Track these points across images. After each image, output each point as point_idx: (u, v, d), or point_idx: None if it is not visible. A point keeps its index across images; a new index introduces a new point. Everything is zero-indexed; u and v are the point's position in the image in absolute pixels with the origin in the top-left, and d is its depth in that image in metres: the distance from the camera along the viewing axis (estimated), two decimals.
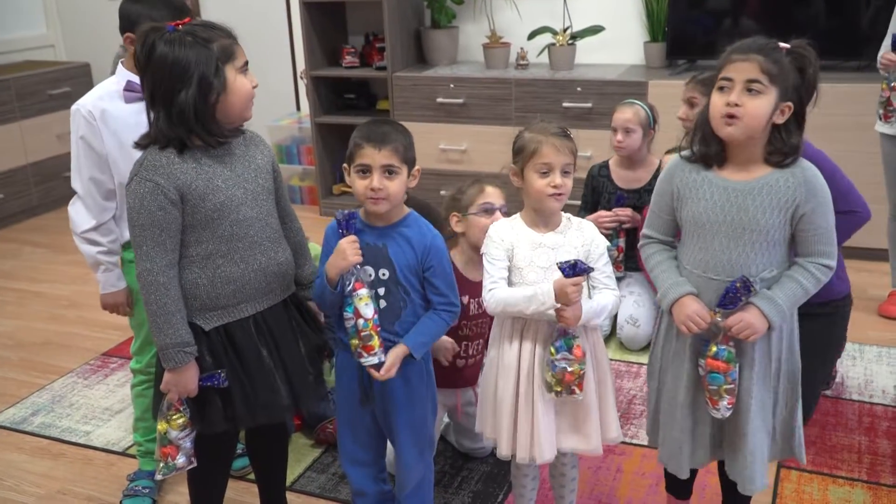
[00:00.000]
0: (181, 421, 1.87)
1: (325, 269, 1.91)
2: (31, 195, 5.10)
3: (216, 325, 1.87)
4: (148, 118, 1.82)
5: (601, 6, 4.48)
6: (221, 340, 1.88)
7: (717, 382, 1.83)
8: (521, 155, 1.93)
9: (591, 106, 4.14)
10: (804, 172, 1.79)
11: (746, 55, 1.74)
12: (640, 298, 3.22)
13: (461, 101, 4.41)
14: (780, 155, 1.78)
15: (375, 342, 1.88)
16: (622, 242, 3.24)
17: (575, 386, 1.90)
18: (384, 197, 1.87)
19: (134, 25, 2.15)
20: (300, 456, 2.65)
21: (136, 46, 1.79)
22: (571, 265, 1.81)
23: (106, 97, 2.21)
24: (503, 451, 2.00)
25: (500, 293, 1.92)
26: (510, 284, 1.95)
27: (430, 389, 2.05)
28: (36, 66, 5.34)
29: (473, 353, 2.43)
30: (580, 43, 4.45)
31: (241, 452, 2.51)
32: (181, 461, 1.91)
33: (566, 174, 1.90)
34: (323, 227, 2.03)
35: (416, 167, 1.94)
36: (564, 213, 2.00)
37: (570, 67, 4.44)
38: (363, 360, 1.89)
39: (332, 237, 1.96)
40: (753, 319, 1.79)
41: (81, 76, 5.32)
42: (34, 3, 5.73)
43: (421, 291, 1.96)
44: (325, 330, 2.06)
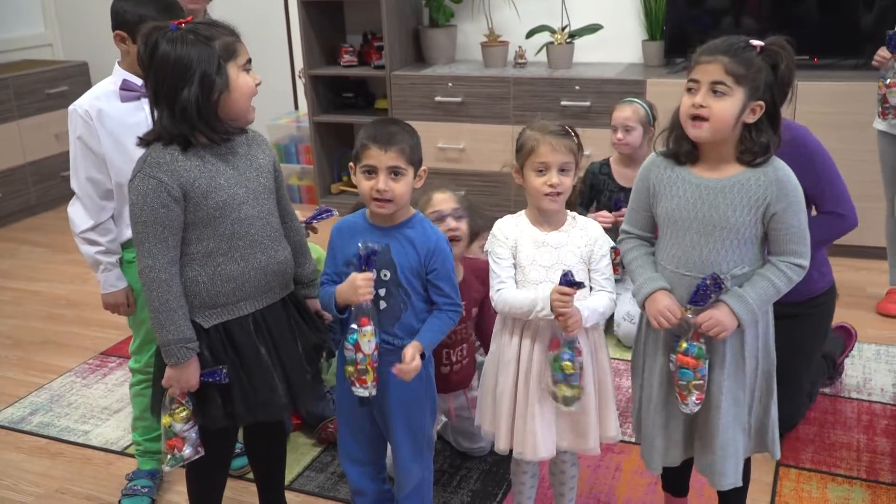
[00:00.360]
0: (184, 414, 1.87)
1: (335, 292, 1.90)
2: (29, 194, 5.10)
3: (215, 322, 1.87)
4: (152, 116, 1.83)
5: (599, 5, 4.47)
6: (221, 338, 1.88)
7: (686, 378, 1.85)
8: (521, 153, 1.94)
9: (589, 104, 4.13)
10: (776, 172, 1.80)
11: (712, 56, 1.75)
12: None
13: (459, 99, 4.41)
14: (751, 154, 1.80)
15: (370, 377, 1.88)
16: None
17: (585, 385, 1.91)
18: (389, 199, 1.87)
19: (123, 23, 2.15)
20: (299, 455, 2.65)
21: (139, 45, 1.80)
22: (570, 279, 1.80)
23: (102, 97, 2.21)
24: (501, 444, 2.01)
25: (506, 294, 1.93)
26: (516, 282, 1.96)
27: (428, 391, 2.04)
28: (34, 65, 5.33)
29: (458, 359, 2.39)
30: (578, 41, 4.45)
31: (239, 452, 2.51)
32: (188, 451, 1.91)
33: (564, 173, 1.90)
34: (325, 229, 2.03)
35: (422, 167, 1.94)
36: (570, 212, 1.99)
37: (568, 66, 4.44)
38: (354, 388, 1.89)
39: (336, 238, 1.97)
40: (723, 317, 1.80)
41: (79, 75, 5.31)
42: (32, 2, 5.72)
43: (422, 294, 1.95)
44: (325, 329, 2.07)
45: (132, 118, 2.20)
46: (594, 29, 4.40)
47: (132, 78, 2.20)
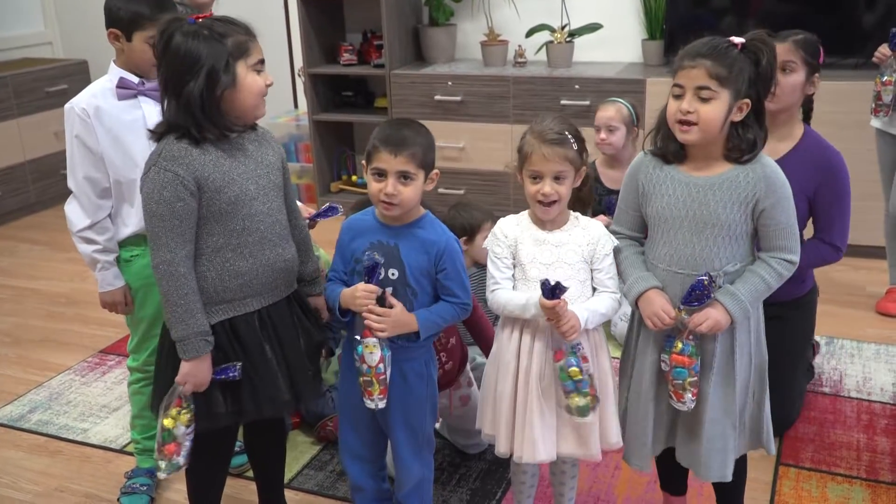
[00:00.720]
0: (188, 417, 1.87)
1: (340, 298, 1.92)
2: (28, 192, 5.10)
3: (221, 318, 1.88)
4: (161, 106, 1.85)
5: (599, 4, 4.47)
6: (227, 334, 1.88)
7: (681, 377, 1.85)
8: (519, 155, 1.94)
9: (588, 104, 4.13)
10: (764, 168, 1.81)
11: (694, 60, 1.76)
12: None
13: (459, 98, 4.41)
14: (738, 151, 1.81)
15: (375, 389, 1.89)
16: None
17: (597, 393, 1.90)
18: (396, 203, 1.87)
19: (117, 21, 2.16)
20: (298, 453, 2.65)
21: (155, 36, 1.83)
22: (549, 287, 1.79)
23: (99, 94, 2.21)
24: (501, 448, 2.00)
25: (500, 295, 1.93)
26: (514, 280, 1.95)
27: (430, 390, 2.04)
28: (33, 63, 5.33)
29: (445, 359, 2.34)
30: (578, 40, 4.45)
31: (238, 450, 2.51)
32: (181, 460, 1.90)
33: (559, 181, 1.88)
34: (324, 226, 2.03)
35: (434, 171, 1.93)
36: (572, 211, 1.98)
37: (568, 65, 4.43)
38: (363, 399, 1.93)
39: (345, 233, 1.98)
40: (719, 316, 1.81)
41: (79, 73, 5.31)
42: (32, 0, 5.72)
43: (430, 293, 1.95)
44: (325, 328, 2.07)
45: (129, 116, 2.20)
46: (594, 28, 4.39)
47: (128, 76, 2.20)
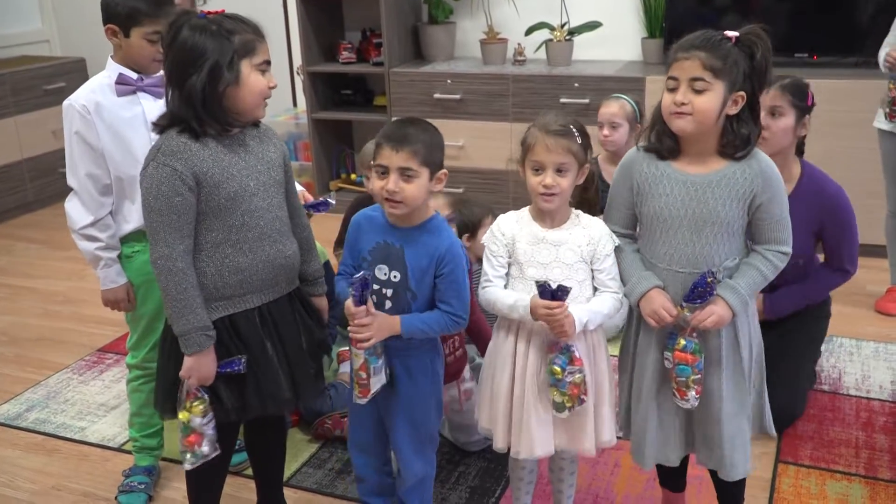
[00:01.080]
0: (202, 407, 1.86)
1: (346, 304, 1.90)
2: (26, 191, 5.09)
3: (221, 315, 1.87)
4: (166, 97, 1.85)
5: (599, 2, 4.46)
6: (227, 331, 1.88)
7: (685, 374, 1.85)
8: (523, 148, 1.93)
9: (588, 102, 4.12)
10: (759, 164, 1.83)
11: (688, 52, 1.76)
12: None
13: (458, 96, 4.40)
14: (732, 147, 1.81)
15: (356, 388, 1.92)
16: None
17: (583, 395, 1.89)
18: (399, 200, 1.85)
19: (115, 16, 2.15)
20: (297, 452, 2.64)
21: (153, 32, 1.84)
22: (550, 290, 1.78)
23: (98, 90, 2.20)
24: (499, 443, 2.00)
25: (490, 293, 1.93)
26: (511, 278, 1.95)
27: (435, 387, 2.03)
28: (31, 61, 5.32)
29: (450, 350, 2.35)
30: (577, 39, 4.45)
31: (238, 448, 2.50)
32: (206, 449, 1.89)
33: (561, 173, 1.87)
34: (321, 224, 2.03)
35: (442, 171, 1.91)
36: (574, 209, 1.97)
37: (567, 63, 4.43)
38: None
39: (354, 232, 1.97)
40: (722, 312, 1.83)
41: (77, 71, 5.29)
42: None
43: (429, 298, 1.93)
44: (325, 327, 2.06)
45: (129, 112, 2.20)
46: (593, 26, 4.39)
47: (127, 71, 2.20)
